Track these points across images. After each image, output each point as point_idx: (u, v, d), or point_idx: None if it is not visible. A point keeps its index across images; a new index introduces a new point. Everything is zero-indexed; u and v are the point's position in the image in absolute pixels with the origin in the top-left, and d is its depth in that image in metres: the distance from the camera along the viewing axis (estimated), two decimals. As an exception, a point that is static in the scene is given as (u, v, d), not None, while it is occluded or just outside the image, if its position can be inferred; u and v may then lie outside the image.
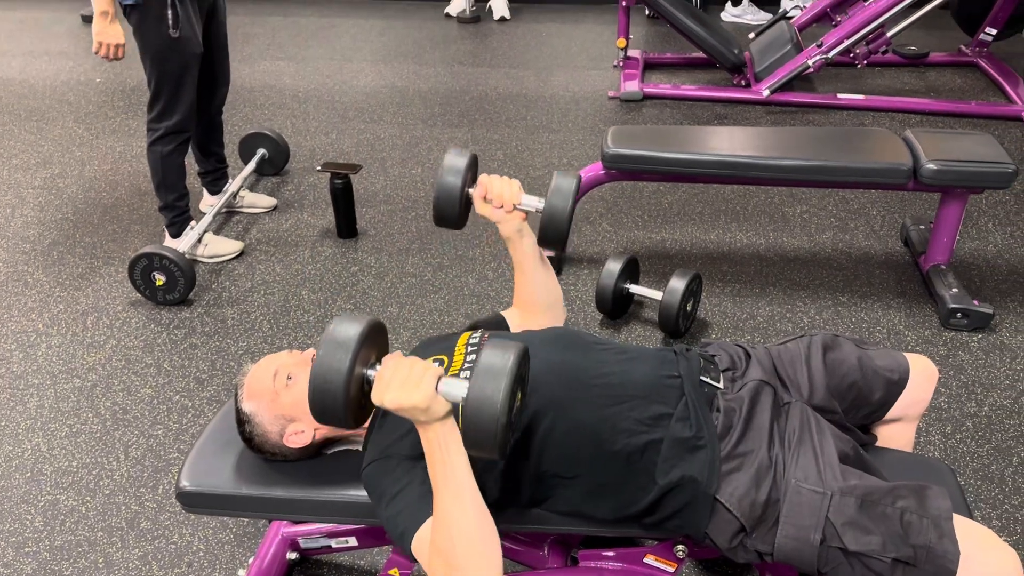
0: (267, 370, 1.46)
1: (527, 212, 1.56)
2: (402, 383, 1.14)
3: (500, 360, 1.13)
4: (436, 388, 1.14)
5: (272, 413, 1.44)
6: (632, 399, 1.36)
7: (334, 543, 1.81)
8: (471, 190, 1.55)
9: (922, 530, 1.22)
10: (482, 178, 1.56)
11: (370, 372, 1.20)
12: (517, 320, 1.67)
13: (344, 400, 1.15)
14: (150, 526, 2.00)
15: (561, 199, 1.52)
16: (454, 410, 1.18)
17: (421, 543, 1.23)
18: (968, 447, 2.18)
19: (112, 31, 2.59)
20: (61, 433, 2.28)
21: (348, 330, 1.17)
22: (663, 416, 1.35)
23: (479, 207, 1.55)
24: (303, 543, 1.84)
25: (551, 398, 1.36)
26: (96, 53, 2.62)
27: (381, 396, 1.15)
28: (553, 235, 1.54)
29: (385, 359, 1.22)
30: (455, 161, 1.54)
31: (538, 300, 1.65)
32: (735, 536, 1.30)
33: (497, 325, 1.65)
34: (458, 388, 1.15)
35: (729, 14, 5.57)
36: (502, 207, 1.53)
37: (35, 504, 2.07)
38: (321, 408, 1.18)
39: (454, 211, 1.55)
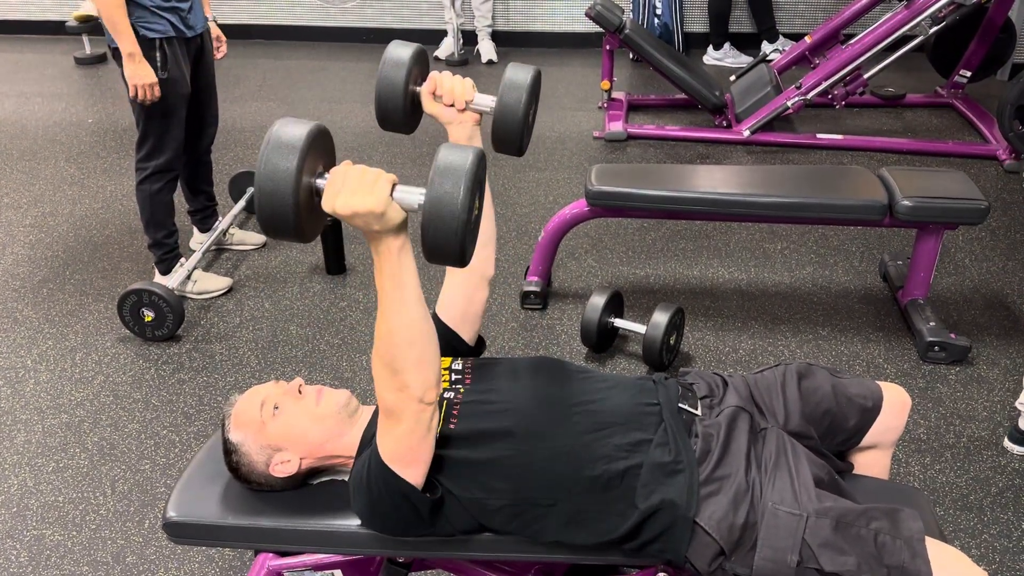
0: (254, 401, 1.48)
1: (480, 113, 1.45)
2: (355, 187, 1.09)
3: (458, 159, 1.07)
4: (391, 193, 1.11)
5: (259, 443, 1.46)
6: (612, 426, 1.39)
7: None
8: (419, 88, 1.44)
9: (895, 551, 1.25)
10: (432, 74, 1.44)
11: (319, 181, 1.13)
12: (451, 293, 1.59)
13: (294, 207, 1.07)
14: (136, 560, 2.00)
15: (515, 92, 1.39)
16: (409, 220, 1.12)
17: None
18: (947, 477, 2.21)
19: (142, 71, 2.60)
20: (48, 468, 2.28)
21: (293, 131, 1.09)
22: (642, 442, 1.38)
23: (427, 105, 1.46)
24: (288, 576, 1.84)
25: (532, 425, 1.38)
26: (134, 98, 2.64)
27: (333, 201, 1.10)
28: (507, 134, 1.42)
29: (334, 168, 1.14)
30: (398, 52, 1.40)
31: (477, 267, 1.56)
32: (714, 559, 1.32)
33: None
34: (414, 194, 1.10)
35: (711, 57, 5.70)
36: (453, 105, 1.44)
37: (20, 539, 2.06)
38: (270, 217, 1.09)
39: (399, 108, 1.42)
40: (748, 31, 5.76)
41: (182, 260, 3.02)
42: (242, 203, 3.54)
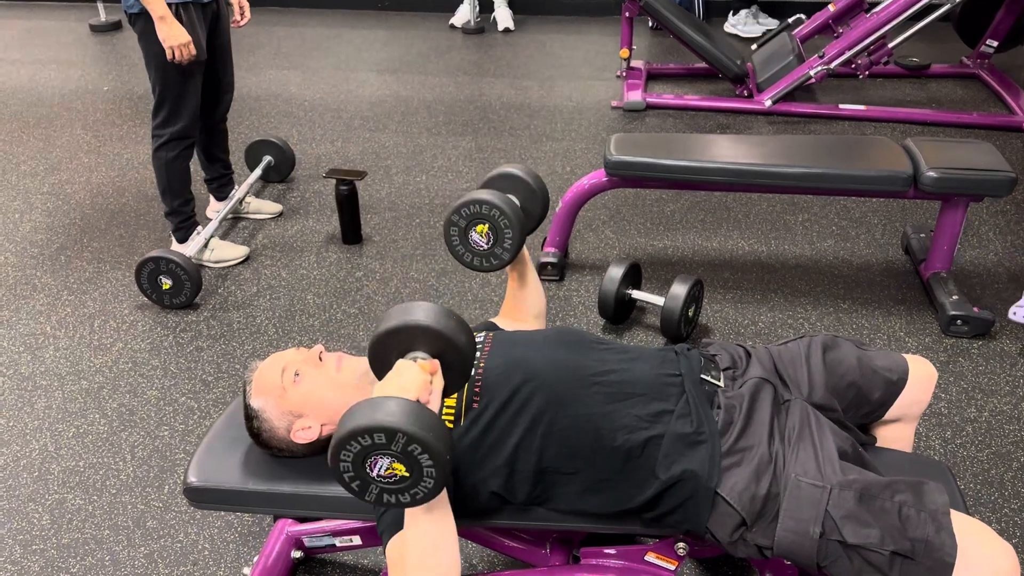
0: (275, 367, 1.48)
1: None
2: (392, 389, 1.18)
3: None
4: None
5: (280, 409, 1.46)
6: (633, 396, 1.38)
7: (338, 542, 1.83)
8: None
9: (920, 523, 1.24)
10: None
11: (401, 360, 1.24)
12: (505, 327, 1.72)
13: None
14: (156, 525, 2.02)
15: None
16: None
17: (391, 550, 1.29)
18: (968, 452, 2.19)
19: (176, 32, 2.58)
20: (68, 433, 2.30)
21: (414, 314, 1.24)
22: (664, 413, 1.37)
23: None
24: (308, 542, 1.85)
25: (553, 395, 1.38)
26: (171, 60, 2.62)
27: (379, 389, 1.19)
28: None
29: (401, 362, 1.24)
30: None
31: (530, 308, 1.75)
32: (736, 530, 1.32)
33: (489, 330, 1.68)
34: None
35: (731, 26, 5.61)
36: None
37: (42, 503, 2.09)
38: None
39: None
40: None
41: (199, 228, 3.02)
42: (258, 171, 3.53)
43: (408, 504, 1.18)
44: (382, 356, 1.27)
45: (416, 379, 1.18)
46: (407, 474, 1.14)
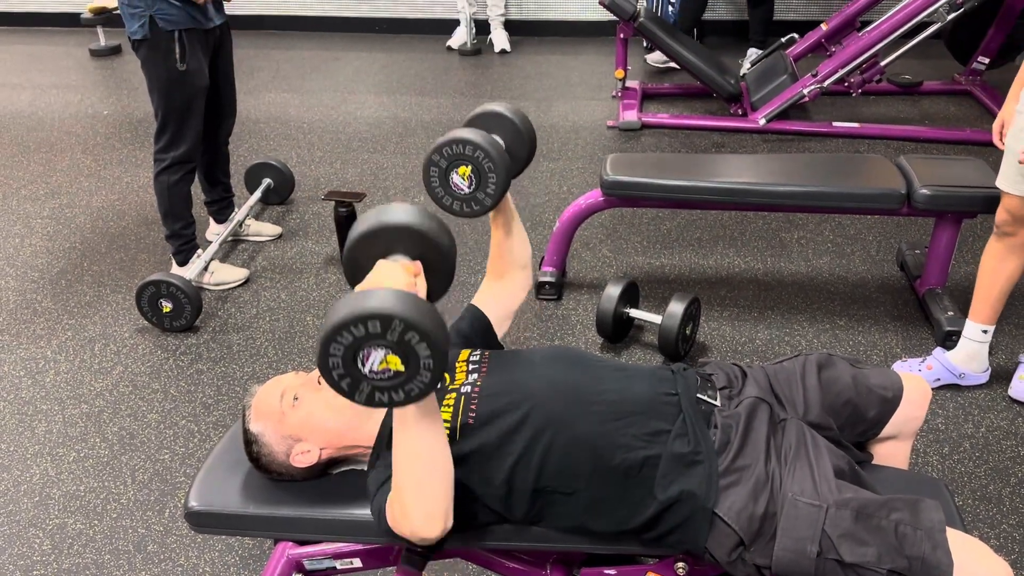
0: (274, 391, 1.49)
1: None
2: (375, 286, 1.14)
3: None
4: None
5: (279, 433, 1.47)
6: (630, 415, 1.39)
7: (339, 564, 1.82)
8: None
9: (916, 542, 1.25)
10: None
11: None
12: (492, 294, 1.71)
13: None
14: (157, 549, 2.02)
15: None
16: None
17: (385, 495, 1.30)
18: (966, 467, 2.20)
19: None
20: (69, 458, 2.31)
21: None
22: (661, 432, 1.38)
23: None
24: (308, 565, 1.84)
25: (551, 414, 1.38)
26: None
27: (360, 288, 1.15)
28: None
29: (382, 262, 1.20)
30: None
31: (516, 259, 1.73)
32: (734, 550, 1.32)
33: (477, 319, 1.68)
34: None
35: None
36: None
37: (43, 528, 2.09)
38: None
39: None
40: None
41: (199, 251, 3.04)
42: (258, 194, 3.55)
43: (401, 402, 1.09)
44: (360, 263, 1.20)
45: (401, 277, 1.15)
46: (402, 368, 1.05)
